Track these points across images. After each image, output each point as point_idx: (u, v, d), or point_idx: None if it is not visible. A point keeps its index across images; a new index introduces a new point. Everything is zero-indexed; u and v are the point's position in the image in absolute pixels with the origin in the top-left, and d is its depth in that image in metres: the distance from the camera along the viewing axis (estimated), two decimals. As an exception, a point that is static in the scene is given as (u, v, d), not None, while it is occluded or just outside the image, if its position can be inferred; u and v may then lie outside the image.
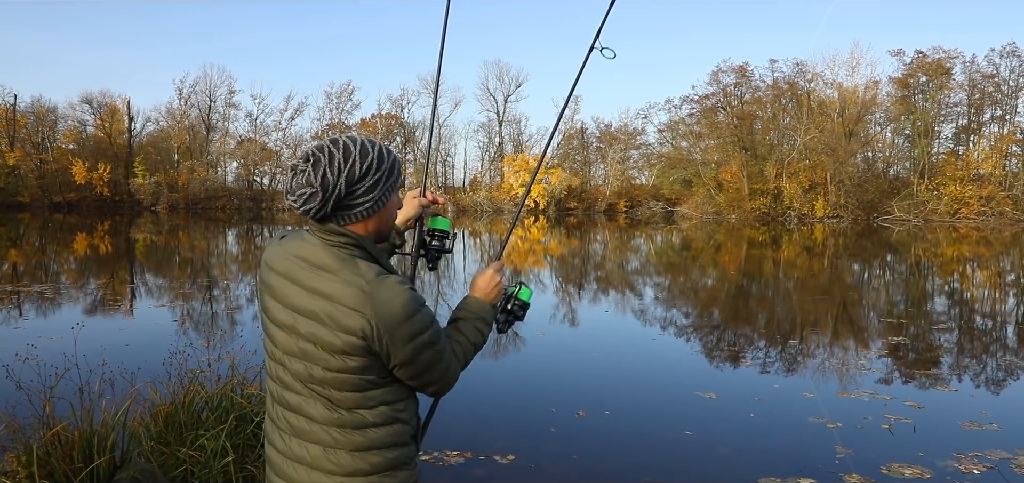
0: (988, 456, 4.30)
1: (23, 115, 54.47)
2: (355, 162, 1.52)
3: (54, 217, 40.28)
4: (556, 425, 4.92)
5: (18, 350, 4.14)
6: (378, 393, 1.55)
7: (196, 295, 11.08)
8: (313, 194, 1.49)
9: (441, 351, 1.58)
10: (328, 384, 1.52)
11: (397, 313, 1.48)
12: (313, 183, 1.49)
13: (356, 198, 1.53)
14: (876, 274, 17.09)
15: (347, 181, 1.51)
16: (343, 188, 1.50)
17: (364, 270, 1.51)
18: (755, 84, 51.78)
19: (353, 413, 1.54)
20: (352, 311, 1.47)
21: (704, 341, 8.41)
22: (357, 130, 61.04)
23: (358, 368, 1.50)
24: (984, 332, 9.24)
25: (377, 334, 1.47)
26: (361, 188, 1.53)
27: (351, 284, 1.49)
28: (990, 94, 47.69)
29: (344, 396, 1.53)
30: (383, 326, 1.47)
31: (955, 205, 42.22)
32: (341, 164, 1.51)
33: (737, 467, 4.20)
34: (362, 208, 1.55)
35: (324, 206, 1.50)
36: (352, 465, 1.54)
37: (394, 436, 1.58)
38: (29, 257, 17.81)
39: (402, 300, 1.49)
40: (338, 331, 1.48)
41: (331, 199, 1.49)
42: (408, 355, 1.51)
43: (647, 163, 57.77)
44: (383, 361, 1.52)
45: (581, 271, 16.86)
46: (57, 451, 3.01)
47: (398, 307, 1.48)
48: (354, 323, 1.47)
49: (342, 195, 1.51)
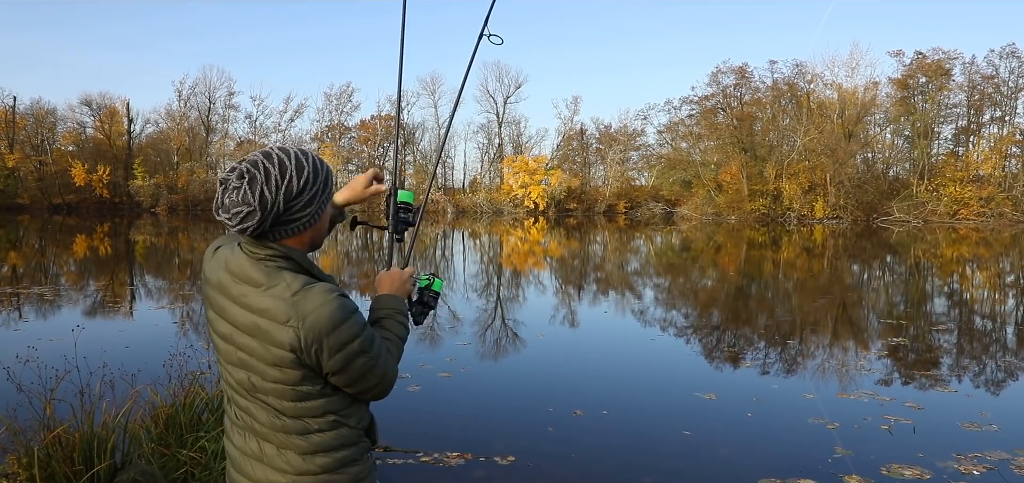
0: (987, 457, 4.31)
1: (22, 117, 54.46)
2: (292, 177, 1.47)
3: (53, 219, 40.28)
4: (556, 426, 4.92)
5: (18, 352, 4.14)
6: (319, 403, 1.54)
7: (196, 297, 11.08)
8: (251, 213, 1.43)
9: (375, 357, 1.55)
10: (268, 393, 1.52)
11: (323, 323, 1.45)
12: (250, 201, 1.43)
13: (293, 213, 1.49)
14: (876, 275, 17.10)
15: (285, 197, 1.46)
16: (281, 205, 1.45)
17: (290, 281, 1.48)
18: (755, 85, 51.86)
19: (296, 420, 1.53)
20: (280, 325, 1.45)
21: (704, 342, 8.41)
22: (356, 131, 61.12)
23: (293, 380, 1.49)
24: (983, 333, 9.25)
25: (305, 345, 1.45)
26: (298, 204, 1.48)
27: (277, 297, 1.46)
28: (990, 95, 47.73)
29: (284, 405, 1.52)
30: (311, 337, 1.44)
31: (954, 206, 42.25)
32: (278, 180, 1.45)
33: (737, 468, 4.20)
34: (299, 222, 1.51)
35: (262, 224, 1.45)
36: (302, 466, 1.54)
37: (340, 439, 1.57)
38: (29, 259, 17.81)
39: (329, 310, 1.46)
40: (268, 345, 1.47)
41: (270, 217, 1.45)
42: (339, 364, 1.48)
43: (647, 164, 57.80)
44: (316, 372, 1.50)
45: (580, 272, 16.87)
46: (58, 453, 3.02)
47: (325, 317, 1.45)
48: (283, 336, 1.45)
49: (280, 212, 1.46)
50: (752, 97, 51.79)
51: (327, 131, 60.86)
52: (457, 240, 28.72)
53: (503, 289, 13.60)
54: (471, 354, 7.24)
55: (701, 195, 48.38)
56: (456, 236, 30.88)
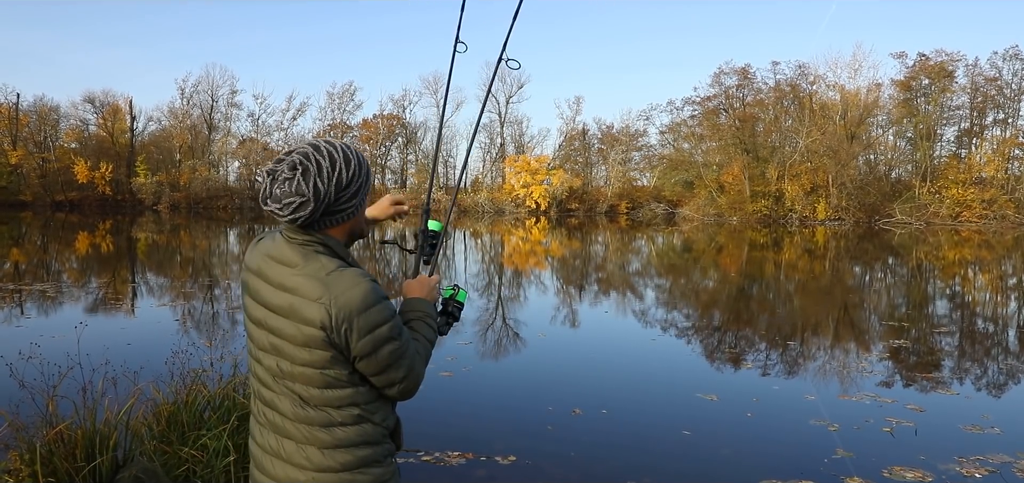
0: (990, 459, 4.30)
1: (25, 114, 54.57)
2: (342, 169, 1.53)
3: (56, 216, 40.34)
4: (556, 425, 4.92)
5: (21, 349, 4.15)
6: (345, 393, 1.54)
7: (198, 295, 11.10)
8: (304, 203, 1.48)
9: (403, 347, 1.56)
10: (295, 379, 1.53)
11: (355, 302, 1.48)
12: (304, 191, 1.48)
13: (341, 204, 1.56)
14: (877, 277, 17.08)
15: (337, 188, 1.53)
16: (333, 195, 1.52)
17: (325, 263, 1.52)
18: (757, 86, 51.81)
19: (320, 411, 1.54)
20: (312, 302, 1.48)
21: (705, 343, 8.41)
22: (359, 130, 61.14)
23: (321, 362, 1.50)
24: (986, 335, 9.23)
25: (336, 323, 1.47)
26: (346, 195, 1.56)
27: (311, 276, 1.50)
28: (992, 97, 47.64)
29: (310, 393, 1.53)
30: (342, 315, 1.46)
31: (957, 208, 42.19)
32: (329, 172, 1.51)
33: (738, 469, 4.20)
34: (345, 213, 1.58)
35: (314, 214, 1.50)
36: (322, 462, 1.54)
37: (363, 435, 1.57)
38: (31, 256, 17.84)
39: (361, 290, 1.49)
40: (300, 324, 1.49)
41: (322, 207, 1.51)
42: (367, 347, 1.49)
43: (648, 165, 57.77)
44: (345, 355, 1.51)
45: (582, 273, 16.86)
46: (60, 450, 3.02)
47: (357, 297, 1.48)
48: (314, 314, 1.47)
49: (331, 202, 1.53)
50: (754, 98, 51.75)
51: (329, 130, 60.89)
52: (458, 240, 28.73)
53: (504, 289, 13.60)
54: (472, 353, 7.24)
55: (703, 196, 48.34)
56: (457, 236, 30.88)
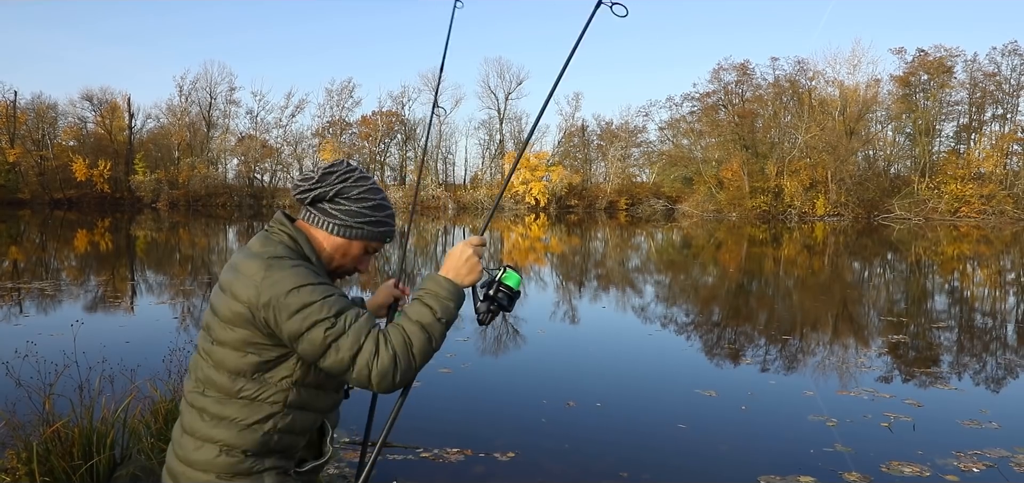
0: (987, 454, 4.30)
1: (23, 112, 54.48)
2: (359, 181, 1.64)
3: (54, 214, 40.30)
4: (556, 423, 4.92)
5: (18, 347, 4.13)
6: (254, 387, 1.52)
7: (196, 292, 11.09)
8: (311, 179, 1.62)
9: (343, 329, 1.45)
10: (211, 358, 1.54)
11: (286, 282, 1.47)
12: (318, 172, 1.63)
13: (336, 203, 1.63)
14: (876, 272, 17.09)
15: (340, 189, 1.62)
16: (331, 191, 1.61)
17: (279, 252, 1.54)
18: (756, 82, 51.83)
19: (224, 402, 1.52)
20: (248, 279, 1.49)
21: (704, 339, 8.41)
22: (358, 127, 61.07)
23: (237, 342, 1.51)
24: (984, 331, 9.24)
25: (263, 302, 1.46)
26: (343, 203, 1.63)
27: (258, 257, 1.53)
28: (991, 93, 47.67)
29: (220, 380, 1.53)
30: (271, 294, 1.46)
31: (956, 204, 42.22)
32: (344, 176, 1.63)
33: (737, 464, 4.20)
34: (333, 221, 1.63)
35: (309, 193, 1.61)
36: (214, 435, 1.53)
37: (262, 435, 1.53)
38: (29, 254, 17.82)
39: (295, 273, 1.50)
40: (230, 299, 1.51)
41: (316, 191, 1.61)
42: (297, 327, 1.45)
43: (648, 161, 57.79)
44: (268, 339, 1.50)
45: (581, 269, 16.86)
46: (57, 448, 3.01)
47: (288, 277, 1.48)
48: (245, 292, 1.49)
49: (328, 195, 1.61)
50: (754, 94, 51.76)
51: (328, 127, 60.86)
52: (458, 236, 28.71)
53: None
54: (471, 350, 7.24)
55: (702, 192, 48.34)
56: (457, 232, 30.87)
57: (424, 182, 56.31)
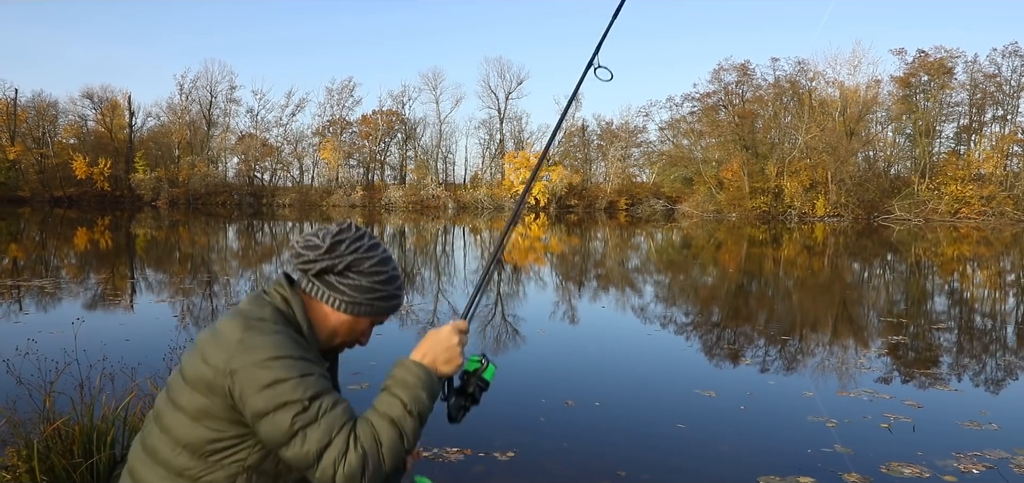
0: (987, 455, 4.30)
1: (24, 109, 54.52)
2: (365, 251, 1.47)
3: (54, 212, 40.30)
4: (555, 422, 4.92)
5: (18, 344, 4.14)
6: (194, 466, 1.34)
7: (196, 291, 11.09)
8: (317, 246, 1.44)
9: (314, 417, 1.28)
10: (161, 420, 1.39)
11: (260, 350, 1.29)
12: (325, 241, 1.44)
13: (344, 279, 1.47)
14: (876, 273, 17.09)
15: (351, 262, 1.45)
16: (341, 264, 1.45)
17: (265, 315, 1.38)
18: (756, 82, 51.86)
19: (164, 471, 1.37)
20: (223, 341, 1.33)
21: (704, 339, 8.41)
22: (358, 126, 61.09)
23: (194, 410, 1.34)
24: (984, 332, 9.24)
25: (231, 368, 1.28)
26: (353, 277, 1.47)
27: (239, 317, 1.37)
28: (991, 94, 47.69)
29: (163, 446, 1.38)
30: (242, 362, 1.28)
31: (956, 205, 42.23)
32: (355, 246, 1.46)
33: (736, 465, 4.20)
34: (341, 297, 1.47)
35: (315, 264, 1.44)
36: None
37: None
38: (29, 252, 17.82)
39: (275, 341, 1.32)
40: (199, 359, 1.34)
41: (323, 263, 1.44)
42: (262, 404, 1.27)
43: (648, 161, 57.81)
44: (227, 414, 1.32)
45: (581, 269, 16.86)
46: (57, 446, 3.01)
47: (265, 345, 1.30)
48: (215, 355, 1.32)
49: (337, 268, 1.45)
50: (754, 94, 51.77)
51: (328, 126, 60.87)
52: (458, 236, 28.72)
53: (503, 285, 13.60)
54: (471, 349, 7.21)
55: (702, 192, 48.35)
56: (457, 232, 30.87)
57: (424, 181, 56.35)
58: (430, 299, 10.99)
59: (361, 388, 5.47)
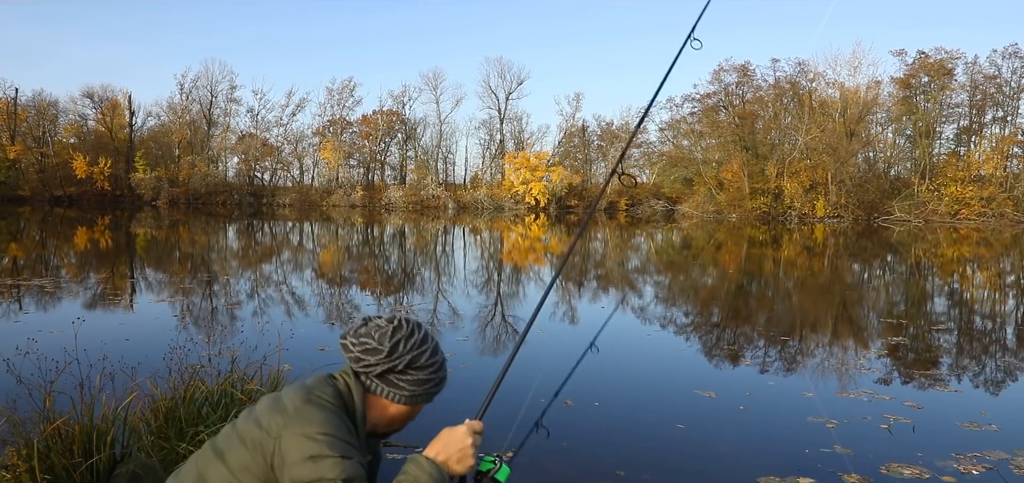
0: (987, 456, 4.30)
1: (24, 109, 54.50)
2: (425, 351, 1.54)
3: (54, 211, 40.30)
4: (554, 422, 4.92)
5: (18, 344, 4.14)
6: None
7: (196, 290, 11.09)
8: (376, 351, 1.49)
9: None
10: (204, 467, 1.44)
11: (312, 423, 1.35)
12: (384, 343, 1.49)
13: (404, 377, 1.53)
14: (876, 274, 17.09)
15: (410, 361, 1.52)
16: (401, 365, 1.51)
17: (324, 391, 1.44)
18: (757, 83, 51.82)
19: None
20: (282, 405, 1.40)
21: (703, 340, 8.41)
22: (358, 126, 61.08)
23: (236, 465, 1.39)
24: (984, 333, 9.24)
25: (281, 433, 1.34)
26: (413, 373, 1.54)
27: (302, 390, 1.43)
28: (992, 95, 47.68)
29: None
30: (293, 430, 1.34)
31: (956, 206, 42.22)
32: (412, 342, 1.52)
33: (736, 465, 4.20)
34: (398, 392, 1.54)
35: (376, 366, 1.49)
36: None
37: None
38: (29, 251, 17.82)
39: (325, 417, 1.37)
40: (253, 420, 1.41)
41: (384, 365, 1.49)
42: (300, 474, 1.33)
43: (648, 161, 57.77)
44: (264, 475, 1.37)
45: (581, 269, 16.87)
46: (57, 445, 3.01)
47: (319, 420, 1.36)
48: (269, 417, 1.38)
49: (397, 368, 1.51)
50: (754, 95, 51.75)
51: (329, 125, 60.84)
52: (458, 236, 28.72)
53: (503, 285, 13.60)
54: (470, 350, 7.24)
55: (702, 193, 48.35)
56: (457, 232, 30.87)
57: (424, 181, 56.34)
58: (430, 300, 10.99)
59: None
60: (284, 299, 10.54)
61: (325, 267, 15.82)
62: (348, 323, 1.63)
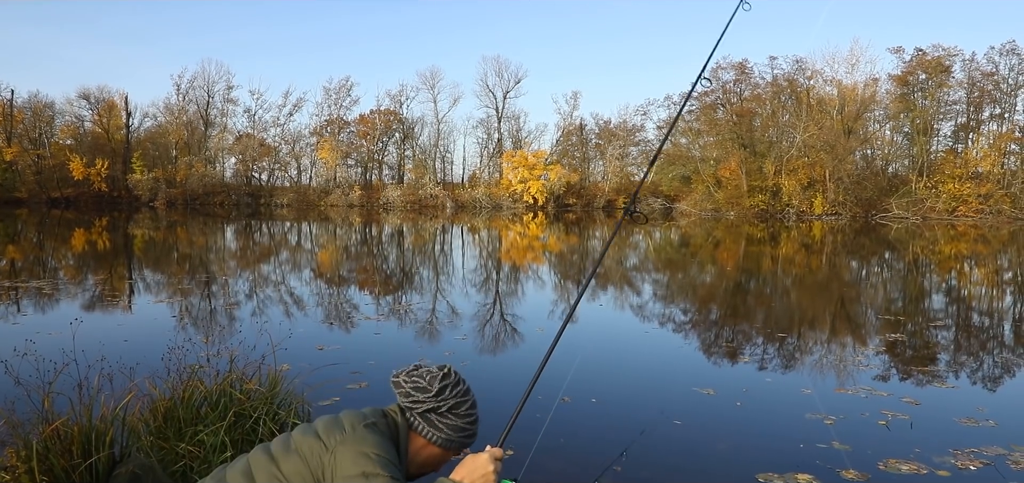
0: (984, 452, 4.32)
1: (20, 110, 54.37)
2: (464, 399, 1.75)
3: (52, 213, 40.23)
4: (554, 419, 4.92)
5: (16, 345, 4.13)
6: None
7: (194, 291, 11.08)
8: (426, 389, 1.69)
9: None
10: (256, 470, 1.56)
11: (366, 443, 1.52)
12: (433, 386, 1.69)
13: (444, 419, 1.71)
14: (874, 271, 17.12)
15: (453, 405, 1.72)
16: (445, 407, 1.70)
17: (380, 422, 1.63)
18: (754, 81, 51.88)
19: None
20: (340, 425, 1.58)
21: (702, 337, 8.42)
22: (355, 126, 61.04)
23: (288, 470, 1.53)
24: (981, 329, 9.27)
25: (335, 447, 1.51)
26: (452, 418, 1.72)
27: (360, 416, 1.62)
28: (989, 92, 47.76)
29: None
30: (346, 447, 1.50)
31: (953, 203, 42.28)
32: (460, 394, 1.74)
33: (735, 462, 4.21)
34: (440, 434, 1.71)
35: (422, 404, 1.68)
36: None
37: None
38: (27, 253, 17.79)
39: (379, 440, 1.55)
40: (312, 431, 1.58)
41: (430, 404, 1.68)
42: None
43: (646, 160, 57.75)
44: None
45: (579, 267, 16.87)
46: (56, 446, 3.01)
47: (373, 442, 1.52)
48: (327, 433, 1.55)
49: (440, 409, 1.70)
50: (752, 93, 51.80)
51: (326, 125, 60.78)
52: (456, 235, 28.72)
53: (502, 284, 13.60)
54: (470, 348, 7.25)
55: (700, 191, 48.39)
56: (455, 231, 30.87)
57: (422, 181, 56.32)
58: (429, 298, 10.99)
59: (359, 387, 5.47)
60: (282, 299, 10.54)
61: (323, 267, 15.82)
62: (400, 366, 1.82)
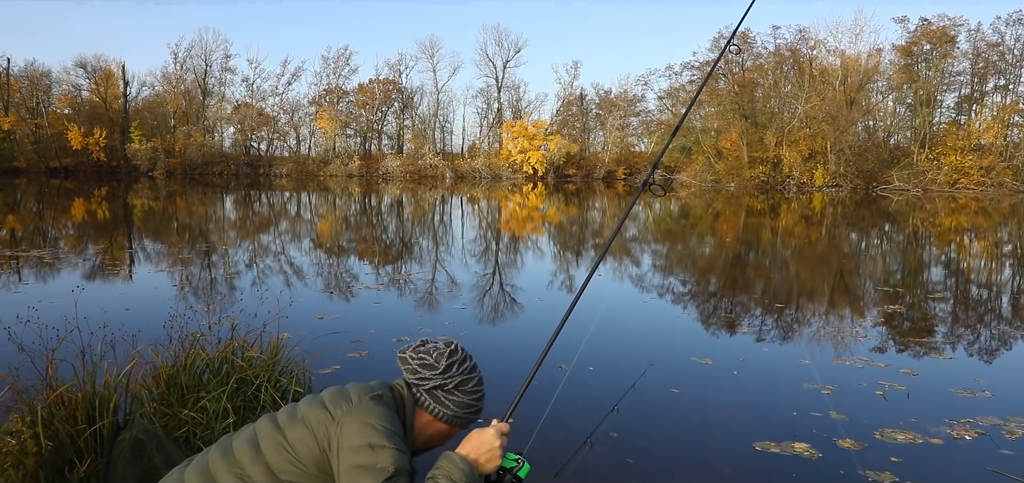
0: (980, 422, 4.36)
1: (16, 79, 53.83)
2: (471, 376, 1.76)
3: (51, 182, 40.13)
4: (549, 386, 4.96)
5: (19, 313, 4.15)
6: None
7: (195, 260, 11.10)
8: (433, 367, 1.69)
9: None
10: (261, 440, 1.58)
11: (372, 415, 1.51)
12: (440, 363, 1.70)
13: (450, 395, 1.72)
14: (874, 243, 17.14)
15: (460, 382, 1.72)
16: (452, 384, 1.71)
17: (386, 394, 1.63)
18: (757, 51, 51.30)
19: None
20: (346, 396, 1.58)
21: (701, 308, 8.46)
22: (355, 95, 60.57)
23: (292, 440, 1.53)
24: (980, 301, 9.31)
25: (341, 418, 1.51)
26: (458, 395, 1.73)
27: (365, 388, 1.62)
28: (994, 63, 47.27)
29: (255, 471, 1.54)
30: (351, 417, 1.50)
31: (955, 175, 42.12)
32: (467, 371, 1.75)
33: (732, 431, 4.26)
34: (446, 410, 1.72)
35: (429, 381, 1.69)
36: None
37: None
38: (27, 222, 17.78)
39: (385, 412, 1.54)
40: (318, 402, 1.58)
41: (437, 381, 1.68)
42: (352, 459, 1.45)
43: (646, 130, 57.48)
44: (316, 454, 1.51)
45: (578, 238, 16.89)
46: (60, 412, 3.04)
47: (378, 415, 1.52)
48: (334, 404, 1.55)
49: (447, 386, 1.71)
50: (754, 63, 51.30)
51: (325, 95, 60.28)
52: (455, 205, 28.68)
53: (501, 254, 13.62)
54: (469, 318, 7.28)
55: (701, 162, 48.20)
56: (454, 201, 30.82)
57: (421, 151, 56.07)
58: (429, 268, 11.02)
59: (360, 356, 5.50)
60: (282, 269, 10.56)
61: (323, 237, 15.82)
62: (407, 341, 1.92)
